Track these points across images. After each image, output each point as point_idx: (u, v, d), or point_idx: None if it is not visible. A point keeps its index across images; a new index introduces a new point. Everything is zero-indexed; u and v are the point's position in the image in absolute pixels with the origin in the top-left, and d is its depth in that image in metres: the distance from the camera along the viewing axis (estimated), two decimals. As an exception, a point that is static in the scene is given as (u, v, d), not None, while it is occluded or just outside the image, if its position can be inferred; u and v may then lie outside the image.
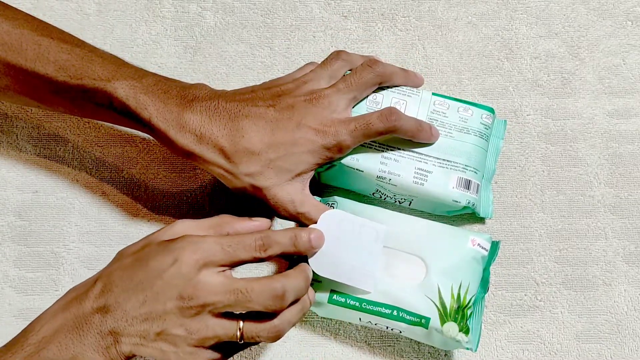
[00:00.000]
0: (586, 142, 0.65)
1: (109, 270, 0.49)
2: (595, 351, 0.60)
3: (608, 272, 0.62)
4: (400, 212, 0.59)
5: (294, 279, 0.49)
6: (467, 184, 0.59)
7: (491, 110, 0.62)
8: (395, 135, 0.58)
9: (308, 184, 0.56)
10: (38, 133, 0.65)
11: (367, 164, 0.59)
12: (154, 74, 0.55)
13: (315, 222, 0.55)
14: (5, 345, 0.48)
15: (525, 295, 0.62)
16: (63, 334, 0.46)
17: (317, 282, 0.57)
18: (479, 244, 0.57)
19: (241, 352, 0.59)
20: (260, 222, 0.52)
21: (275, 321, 0.48)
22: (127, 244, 0.62)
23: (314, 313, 0.60)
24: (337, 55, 0.58)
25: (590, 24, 0.68)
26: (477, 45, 0.68)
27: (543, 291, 0.62)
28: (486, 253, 0.57)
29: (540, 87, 0.67)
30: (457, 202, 0.59)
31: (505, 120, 0.64)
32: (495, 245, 0.58)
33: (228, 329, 0.48)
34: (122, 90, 0.53)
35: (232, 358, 0.56)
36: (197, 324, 0.47)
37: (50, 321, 0.47)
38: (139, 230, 0.63)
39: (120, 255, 0.50)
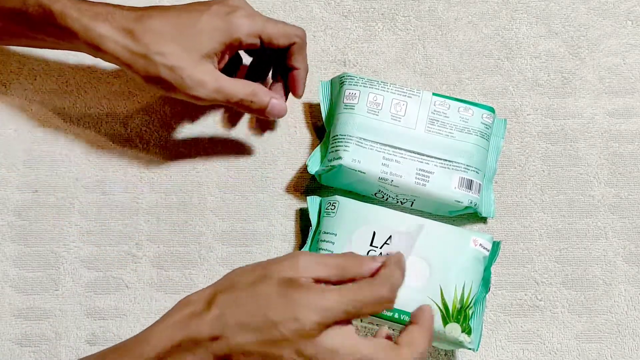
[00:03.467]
0: (586, 141, 0.65)
1: (224, 297, 0.46)
2: (595, 351, 0.60)
3: (608, 272, 0.62)
4: (401, 212, 0.59)
5: (422, 343, 0.47)
6: (469, 184, 0.59)
7: (491, 110, 0.62)
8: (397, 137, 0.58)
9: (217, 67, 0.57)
10: (38, 132, 0.65)
11: (369, 165, 0.59)
12: None
13: (236, 97, 0.56)
14: (114, 350, 0.47)
15: (526, 295, 0.62)
16: (179, 353, 0.45)
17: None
18: (480, 244, 0.57)
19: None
20: (388, 269, 0.47)
21: None
22: (127, 244, 0.62)
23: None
24: None
25: (590, 24, 0.68)
26: (478, 44, 0.68)
27: (543, 291, 0.62)
28: (487, 253, 0.57)
29: (541, 86, 0.67)
30: (459, 202, 0.59)
31: (505, 120, 0.64)
32: (496, 246, 0.58)
33: None
34: None
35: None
36: None
37: (166, 336, 0.46)
38: (139, 230, 0.63)
39: (233, 282, 0.47)
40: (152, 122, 0.65)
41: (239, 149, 0.65)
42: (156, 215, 0.63)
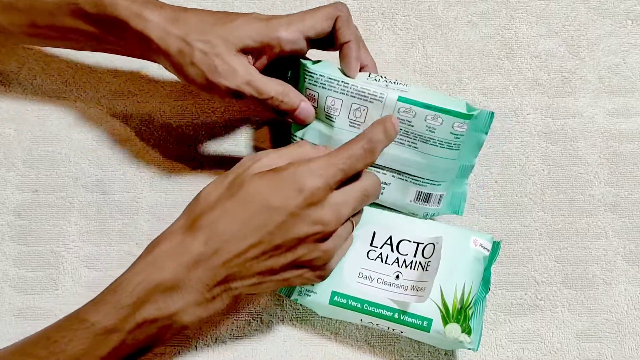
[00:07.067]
0: (586, 141, 0.65)
1: (207, 218, 0.46)
2: (596, 350, 0.60)
3: (608, 271, 0.62)
4: (401, 212, 0.59)
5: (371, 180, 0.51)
6: (427, 198, 0.58)
7: (467, 117, 0.56)
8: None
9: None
10: (38, 132, 0.65)
11: None
12: None
13: (266, 94, 0.55)
14: (91, 305, 0.47)
15: (526, 294, 0.62)
16: (160, 295, 0.45)
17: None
18: (480, 244, 0.57)
19: (240, 352, 0.59)
20: (368, 128, 0.51)
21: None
22: (127, 244, 0.62)
23: (314, 312, 0.60)
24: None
25: (590, 23, 0.68)
26: (477, 44, 0.68)
27: (543, 290, 0.62)
28: (487, 253, 0.57)
29: (541, 86, 0.67)
30: (414, 214, 0.58)
31: (492, 112, 0.57)
32: (496, 245, 0.58)
33: (349, 228, 0.50)
34: None
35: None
36: (332, 241, 0.48)
37: (141, 279, 0.46)
38: (139, 230, 0.63)
39: (207, 202, 0.47)
40: (152, 122, 0.65)
41: (239, 149, 0.65)
42: (156, 215, 0.63)
